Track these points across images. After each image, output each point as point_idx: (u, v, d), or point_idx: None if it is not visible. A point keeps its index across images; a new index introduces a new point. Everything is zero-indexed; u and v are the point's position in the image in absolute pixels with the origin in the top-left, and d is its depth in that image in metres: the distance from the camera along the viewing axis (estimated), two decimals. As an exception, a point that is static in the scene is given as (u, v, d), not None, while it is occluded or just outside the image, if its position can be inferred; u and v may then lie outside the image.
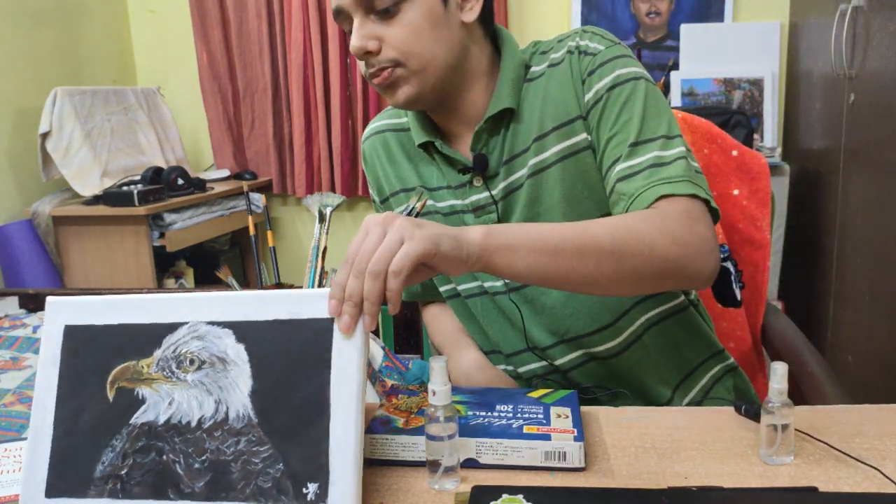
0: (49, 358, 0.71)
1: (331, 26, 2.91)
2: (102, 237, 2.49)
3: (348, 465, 0.62)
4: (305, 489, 0.61)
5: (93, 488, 0.65)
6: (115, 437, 0.67)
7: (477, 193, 0.97)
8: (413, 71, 0.88)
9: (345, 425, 0.63)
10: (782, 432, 0.71)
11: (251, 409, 0.65)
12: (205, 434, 0.65)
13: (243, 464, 0.63)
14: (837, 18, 1.96)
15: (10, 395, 1.54)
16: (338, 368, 0.65)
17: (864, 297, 1.90)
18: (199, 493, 0.63)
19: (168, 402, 0.67)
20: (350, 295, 0.66)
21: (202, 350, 0.68)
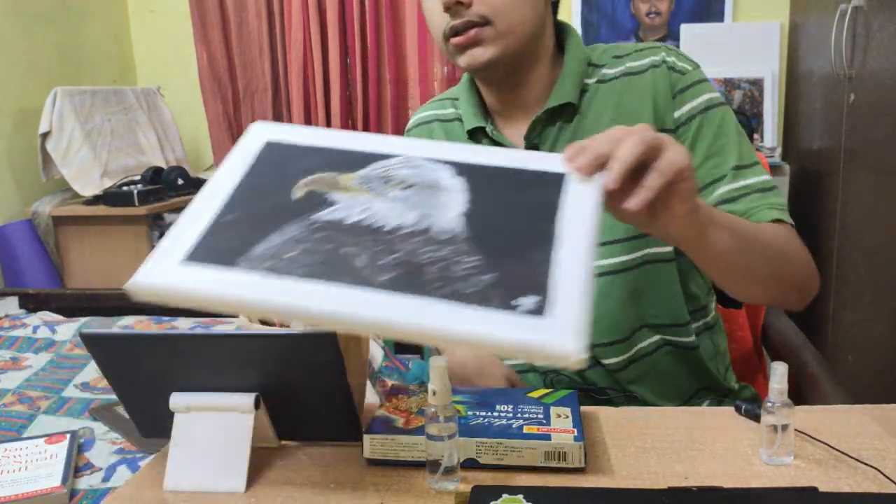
0: (237, 161, 0.66)
1: (331, 26, 2.91)
2: (102, 237, 2.49)
3: (577, 296, 0.54)
4: (518, 300, 0.54)
5: (243, 262, 0.58)
6: (289, 226, 0.60)
7: None
8: (500, 32, 0.88)
9: (575, 262, 0.56)
10: (782, 432, 0.71)
11: (462, 226, 0.60)
12: (399, 238, 0.59)
13: (442, 269, 0.57)
14: (837, 18, 1.96)
15: (10, 395, 1.54)
16: (570, 204, 0.61)
17: (864, 297, 1.90)
18: (381, 284, 0.55)
19: (362, 208, 0.62)
20: (594, 147, 0.63)
21: (413, 175, 0.64)
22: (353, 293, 0.55)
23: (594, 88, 0.96)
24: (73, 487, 1.16)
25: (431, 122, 1.06)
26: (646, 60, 0.94)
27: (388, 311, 0.54)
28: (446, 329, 0.53)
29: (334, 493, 0.70)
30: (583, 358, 0.51)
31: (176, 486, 0.73)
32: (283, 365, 0.73)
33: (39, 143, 2.52)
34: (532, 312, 0.53)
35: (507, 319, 0.52)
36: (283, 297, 0.55)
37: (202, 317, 2.07)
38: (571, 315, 0.53)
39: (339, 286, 0.55)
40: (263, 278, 0.56)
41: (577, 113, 0.95)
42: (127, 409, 0.79)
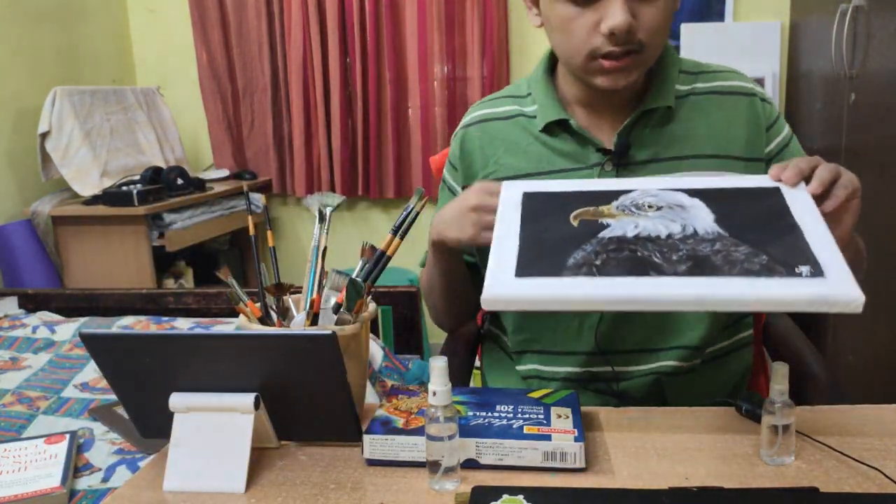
0: (509, 207, 0.80)
1: (331, 26, 2.91)
2: (102, 237, 2.48)
3: (837, 257, 0.67)
4: (798, 269, 0.66)
5: (566, 271, 0.69)
6: (584, 244, 0.72)
7: (605, 178, 0.96)
8: (649, 56, 0.90)
9: (823, 235, 0.70)
10: (783, 433, 0.71)
11: (719, 228, 0.72)
12: (677, 241, 0.71)
13: (724, 256, 0.68)
14: (838, 18, 1.96)
15: (10, 396, 1.54)
16: (795, 204, 0.74)
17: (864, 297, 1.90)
18: (682, 272, 0.67)
19: (634, 226, 0.74)
20: (796, 164, 0.79)
21: (658, 201, 0.77)
22: (667, 280, 0.66)
23: (685, 97, 0.98)
24: (72, 488, 1.16)
25: (488, 120, 1.05)
26: (733, 83, 1.00)
27: (703, 289, 0.65)
28: (753, 295, 0.64)
29: (334, 493, 0.70)
30: (862, 302, 0.63)
31: (176, 487, 0.73)
32: (283, 365, 0.73)
33: (39, 143, 2.51)
34: (814, 275, 0.65)
35: (798, 282, 0.65)
36: (614, 289, 0.66)
37: (202, 317, 2.07)
38: (845, 273, 0.65)
39: (651, 278, 0.67)
40: (590, 279, 0.67)
41: (669, 118, 0.96)
42: (127, 409, 0.79)
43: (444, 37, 2.87)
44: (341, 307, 0.84)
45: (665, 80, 0.96)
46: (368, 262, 0.87)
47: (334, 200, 0.90)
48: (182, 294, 2.15)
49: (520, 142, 1.01)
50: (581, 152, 0.97)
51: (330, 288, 0.86)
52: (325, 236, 0.88)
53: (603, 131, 0.98)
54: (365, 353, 0.88)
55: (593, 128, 0.98)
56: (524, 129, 1.01)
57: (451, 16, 2.86)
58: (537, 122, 0.99)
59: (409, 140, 3.00)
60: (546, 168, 0.99)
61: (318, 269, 0.87)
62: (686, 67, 1.00)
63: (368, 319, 0.86)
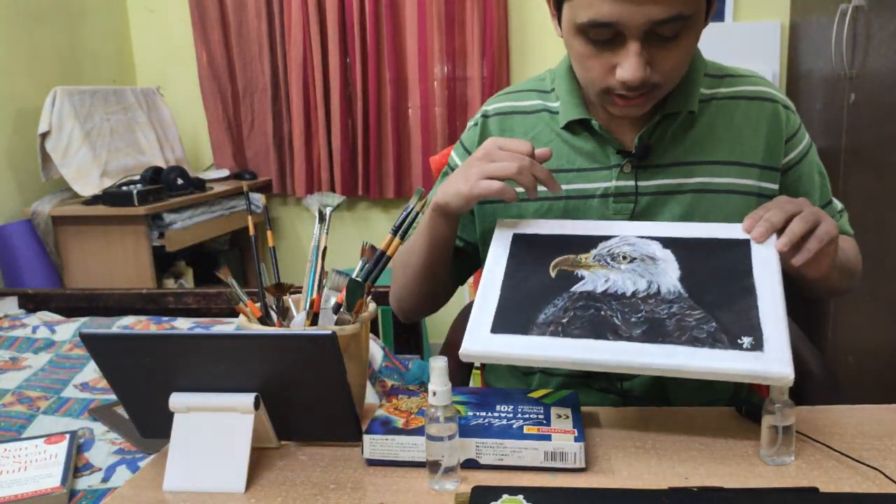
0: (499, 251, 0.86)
1: (331, 26, 2.91)
2: (102, 237, 2.49)
3: (780, 330, 0.71)
4: (740, 340, 0.71)
5: (534, 329, 0.76)
6: (556, 298, 0.79)
7: (623, 180, 0.96)
8: (663, 92, 0.89)
9: (773, 306, 0.73)
10: (783, 433, 0.71)
11: (681, 288, 0.77)
12: (639, 301, 0.77)
13: (677, 321, 0.74)
14: (838, 18, 1.96)
15: (10, 396, 1.54)
16: (758, 264, 0.78)
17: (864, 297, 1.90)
18: (636, 337, 0.73)
19: (604, 280, 0.80)
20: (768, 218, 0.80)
21: (633, 251, 0.82)
22: (619, 346, 0.73)
23: (708, 101, 0.97)
24: (72, 488, 1.16)
25: (511, 113, 1.04)
26: (756, 88, 0.99)
27: (650, 358, 0.71)
28: (692, 366, 0.70)
29: (334, 493, 0.70)
30: (791, 379, 0.68)
31: (176, 486, 0.73)
32: (283, 365, 0.73)
33: (39, 143, 2.51)
34: (753, 348, 0.70)
35: (736, 355, 0.70)
36: (568, 352, 0.73)
37: (202, 317, 2.07)
38: (780, 348, 0.70)
39: (606, 341, 0.73)
40: (551, 339, 0.75)
41: (692, 122, 0.96)
42: (127, 409, 0.79)
43: (444, 37, 2.87)
44: (341, 307, 0.84)
45: (690, 83, 0.95)
46: (368, 262, 0.87)
47: (334, 200, 0.90)
48: (182, 294, 2.16)
49: (541, 138, 1.00)
50: (601, 152, 0.97)
51: (330, 288, 0.86)
52: (325, 236, 0.88)
53: (624, 131, 0.97)
54: (365, 353, 0.88)
55: (614, 127, 0.98)
56: (547, 125, 1.00)
57: (451, 16, 2.86)
58: (560, 118, 0.99)
59: (409, 140, 3.00)
60: (565, 166, 0.98)
61: (318, 269, 0.87)
62: (711, 70, 1.00)
63: (368, 319, 0.86)
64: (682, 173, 0.95)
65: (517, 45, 2.92)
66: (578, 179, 0.97)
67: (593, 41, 0.84)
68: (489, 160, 0.84)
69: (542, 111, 1.02)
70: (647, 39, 0.82)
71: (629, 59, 0.82)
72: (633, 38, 0.81)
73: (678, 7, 0.79)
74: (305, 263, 0.88)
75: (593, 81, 0.88)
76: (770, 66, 2.62)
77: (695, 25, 0.83)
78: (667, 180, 0.95)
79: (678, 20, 0.80)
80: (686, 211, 0.95)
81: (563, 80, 1.00)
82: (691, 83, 0.95)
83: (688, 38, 0.84)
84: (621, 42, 0.82)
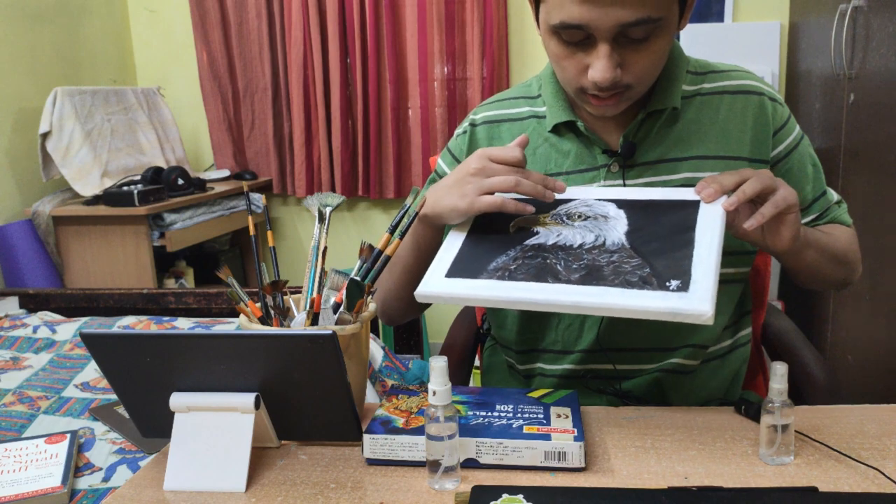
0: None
1: (331, 26, 2.91)
2: (102, 237, 2.49)
3: (708, 274, 0.74)
4: (668, 283, 0.74)
5: (484, 274, 0.82)
6: (510, 249, 0.84)
7: (611, 179, 0.96)
8: (636, 93, 0.90)
9: (707, 255, 0.76)
10: (782, 432, 0.71)
11: (625, 240, 0.82)
12: (584, 251, 0.82)
13: (614, 268, 0.79)
14: (837, 18, 1.96)
15: (10, 395, 1.54)
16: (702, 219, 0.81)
17: (864, 297, 1.90)
18: (574, 281, 0.78)
19: (556, 234, 0.85)
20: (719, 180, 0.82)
21: (589, 210, 0.87)
22: (556, 287, 0.77)
23: (692, 97, 0.98)
24: (73, 487, 1.16)
25: (499, 122, 1.04)
26: (741, 82, 1.00)
27: (581, 296, 0.75)
28: (620, 304, 0.73)
29: (334, 493, 0.71)
30: (710, 316, 0.70)
31: (176, 486, 0.73)
32: (283, 365, 0.73)
33: (39, 143, 2.51)
34: (679, 289, 0.73)
35: (662, 295, 0.73)
36: (509, 292, 0.78)
37: (202, 317, 2.07)
38: (704, 289, 0.72)
39: (545, 283, 0.78)
40: (497, 282, 0.80)
41: (675, 118, 0.96)
42: (127, 409, 0.79)
43: (444, 37, 2.87)
44: (341, 307, 0.84)
45: (672, 80, 0.96)
46: (367, 262, 0.87)
47: (334, 200, 0.90)
48: (183, 294, 2.16)
49: (529, 144, 1.00)
50: (588, 153, 0.98)
51: (330, 288, 0.87)
52: (325, 236, 0.88)
53: (609, 132, 0.98)
54: (365, 353, 0.88)
55: (600, 128, 0.98)
56: (535, 131, 1.01)
57: (451, 16, 2.86)
58: (546, 122, 1.00)
59: (409, 140, 3.00)
60: (554, 170, 0.99)
61: (318, 269, 0.87)
62: (693, 67, 1.00)
63: (368, 319, 0.86)
64: (667, 170, 0.95)
65: (517, 45, 2.92)
66: (568, 182, 0.98)
67: (566, 42, 0.85)
68: (484, 175, 0.84)
69: (531, 118, 1.02)
70: (617, 41, 0.83)
71: (599, 60, 0.83)
72: (603, 40, 0.82)
73: (646, 10, 0.80)
74: (305, 263, 0.88)
75: (568, 81, 0.90)
76: (769, 67, 2.62)
77: (666, 28, 0.84)
78: (653, 177, 0.96)
79: (647, 23, 0.81)
80: None
81: (548, 84, 1.01)
82: (673, 80, 0.96)
83: (659, 41, 0.84)
84: (592, 44, 0.84)
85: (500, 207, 0.84)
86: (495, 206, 0.83)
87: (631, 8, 0.79)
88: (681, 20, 0.88)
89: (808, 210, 1.03)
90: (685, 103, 0.97)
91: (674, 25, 0.86)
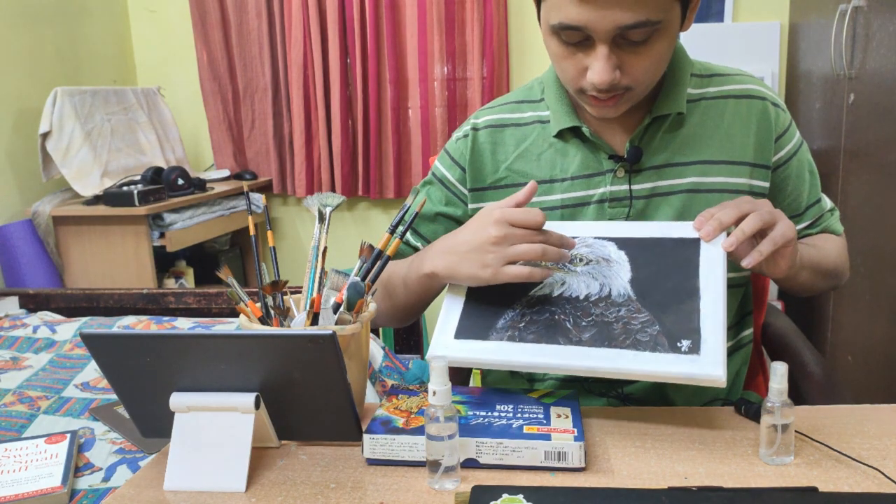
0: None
1: (331, 26, 2.91)
2: (102, 237, 2.49)
3: (717, 334, 0.75)
4: (679, 343, 0.75)
5: (494, 334, 0.81)
6: (516, 303, 0.84)
7: (617, 184, 0.96)
8: (636, 95, 0.89)
9: (713, 307, 0.77)
10: (782, 432, 0.71)
11: (630, 290, 0.82)
12: (591, 304, 0.82)
13: (624, 324, 0.79)
14: (837, 18, 1.96)
15: (10, 395, 1.54)
16: (704, 264, 0.81)
17: (864, 297, 1.90)
18: (585, 342, 0.78)
19: (561, 283, 0.85)
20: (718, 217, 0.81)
21: (590, 253, 0.86)
22: (568, 350, 0.78)
23: (697, 101, 0.98)
24: (73, 487, 1.16)
25: (503, 126, 1.03)
26: (745, 87, 1.00)
27: (594, 361, 0.76)
28: (635, 369, 0.75)
29: (334, 493, 0.71)
30: (724, 381, 0.72)
31: (176, 486, 0.73)
32: (283, 365, 0.73)
33: (39, 143, 2.51)
34: (690, 352, 0.74)
35: (674, 359, 0.74)
36: (522, 356, 0.79)
37: (202, 317, 2.07)
38: (715, 351, 0.73)
39: (557, 345, 0.78)
40: (508, 344, 0.80)
41: (681, 123, 0.96)
42: (127, 409, 0.79)
43: (444, 37, 2.87)
44: (341, 307, 0.84)
45: (676, 84, 0.96)
46: (367, 262, 0.87)
47: (334, 200, 0.90)
48: (183, 294, 2.16)
49: (533, 149, 1.00)
50: (594, 159, 0.97)
51: (330, 288, 0.87)
52: (325, 236, 0.88)
53: (615, 136, 0.98)
54: (365, 353, 0.88)
55: (605, 132, 0.98)
56: (539, 136, 1.00)
57: (451, 16, 2.86)
58: (551, 127, 0.99)
59: (409, 140, 3.00)
60: (559, 175, 0.98)
61: (318, 269, 0.87)
62: (698, 71, 1.00)
63: (368, 319, 0.86)
64: (673, 174, 0.95)
65: (517, 45, 2.92)
66: (574, 188, 0.98)
67: (566, 42, 0.85)
68: (508, 243, 0.80)
69: (535, 122, 1.01)
70: (616, 43, 0.83)
71: (597, 62, 0.83)
72: (602, 42, 0.82)
73: (645, 13, 0.80)
74: (305, 263, 0.88)
75: (568, 81, 0.90)
76: (769, 67, 2.62)
77: (666, 31, 0.84)
78: (659, 182, 0.96)
79: (646, 25, 0.81)
80: (679, 212, 0.95)
81: (551, 88, 1.01)
82: (678, 84, 0.96)
83: (659, 44, 0.84)
84: (591, 45, 0.84)
85: (529, 278, 0.80)
86: (523, 277, 0.80)
87: (629, 10, 0.79)
88: (683, 22, 0.88)
89: (802, 216, 1.03)
90: (690, 107, 0.97)
91: (675, 28, 0.86)
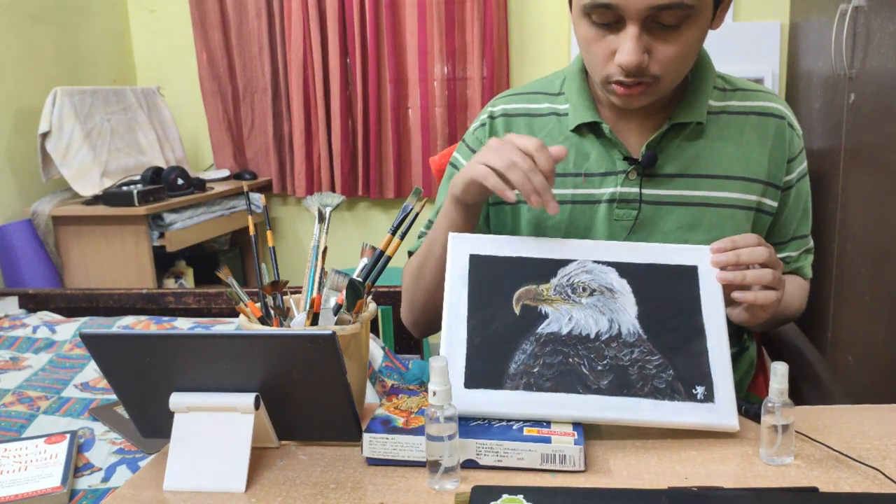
0: (457, 278, 0.84)
1: (331, 26, 2.91)
2: (102, 237, 2.49)
3: (727, 378, 0.78)
4: (694, 390, 0.77)
5: (507, 382, 0.78)
6: (524, 342, 0.80)
7: (627, 186, 0.95)
8: (662, 88, 0.89)
9: (719, 347, 0.80)
10: (783, 432, 0.71)
11: (639, 327, 0.81)
12: (602, 344, 0.80)
13: (639, 369, 0.79)
14: (837, 18, 1.96)
15: (10, 395, 1.54)
16: (706, 301, 0.82)
17: (864, 297, 1.90)
18: (605, 390, 0.77)
19: (568, 318, 0.82)
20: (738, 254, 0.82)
21: (592, 281, 0.84)
22: (589, 400, 0.77)
23: (718, 114, 0.97)
24: (73, 487, 1.16)
25: (517, 116, 1.03)
26: (767, 104, 1.00)
27: (615, 413, 0.77)
28: (654, 419, 0.77)
29: (334, 493, 0.70)
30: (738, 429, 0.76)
31: (176, 486, 0.73)
32: (283, 365, 0.73)
33: (39, 143, 2.51)
34: (705, 398, 0.77)
35: (692, 408, 0.77)
36: (542, 409, 0.77)
37: (202, 317, 2.07)
38: (729, 400, 0.77)
39: (577, 395, 0.77)
40: (525, 393, 0.78)
41: (699, 134, 0.96)
42: (127, 409, 0.79)
43: (444, 37, 2.87)
44: (341, 307, 0.84)
45: (698, 94, 0.95)
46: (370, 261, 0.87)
47: (334, 200, 0.90)
48: (182, 294, 2.16)
49: (548, 141, 0.99)
50: (608, 157, 0.97)
51: (330, 288, 0.87)
52: (325, 236, 0.88)
53: (632, 136, 0.97)
54: (365, 353, 0.88)
55: (623, 133, 0.97)
56: (555, 129, 1.00)
57: (451, 16, 2.86)
58: (569, 121, 0.98)
59: (409, 140, 3.00)
60: (572, 170, 0.98)
61: (318, 269, 0.87)
62: (721, 84, 0.99)
63: (368, 319, 0.86)
64: (686, 185, 0.95)
65: (517, 45, 2.92)
66: (585, 184, 0.97)
67: (596, 24, 0.85)
68: (493, 151, 0.83)
69: (551, 115, 1.01)
70: (647, 26, 0.83)
71: (627, 42, 0.83)
72: (633, 22, 0.82)
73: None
74: (305, 263, 0.88)
75: (595, 68, 0.89)
76: (769, 67, 2.62)
77: (698, 18, 0.84)
78: (671, 191, 0.95)
79: (680, 7, 0.81)
80: (688, 223, 0.95)
81: (573, 81, 1.00)
82: (700, 93, 0.95)
83: (690, 31, 0.84)
84: (622, 26, 0.84)
85: (493, 186, 0.82)
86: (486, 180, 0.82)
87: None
88: (714, 17, 0.88)
89: (785, 246, 1.04)
90: (710, 119, 0.96)
91: (706, 19, 0.86)
